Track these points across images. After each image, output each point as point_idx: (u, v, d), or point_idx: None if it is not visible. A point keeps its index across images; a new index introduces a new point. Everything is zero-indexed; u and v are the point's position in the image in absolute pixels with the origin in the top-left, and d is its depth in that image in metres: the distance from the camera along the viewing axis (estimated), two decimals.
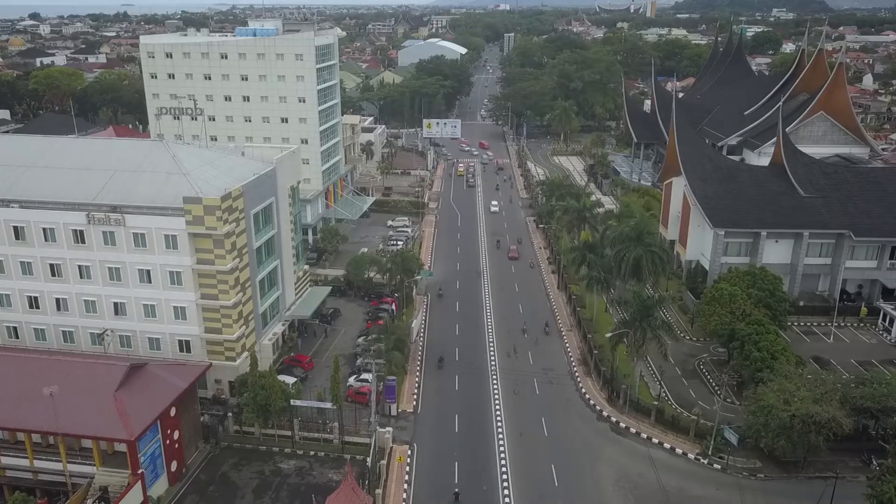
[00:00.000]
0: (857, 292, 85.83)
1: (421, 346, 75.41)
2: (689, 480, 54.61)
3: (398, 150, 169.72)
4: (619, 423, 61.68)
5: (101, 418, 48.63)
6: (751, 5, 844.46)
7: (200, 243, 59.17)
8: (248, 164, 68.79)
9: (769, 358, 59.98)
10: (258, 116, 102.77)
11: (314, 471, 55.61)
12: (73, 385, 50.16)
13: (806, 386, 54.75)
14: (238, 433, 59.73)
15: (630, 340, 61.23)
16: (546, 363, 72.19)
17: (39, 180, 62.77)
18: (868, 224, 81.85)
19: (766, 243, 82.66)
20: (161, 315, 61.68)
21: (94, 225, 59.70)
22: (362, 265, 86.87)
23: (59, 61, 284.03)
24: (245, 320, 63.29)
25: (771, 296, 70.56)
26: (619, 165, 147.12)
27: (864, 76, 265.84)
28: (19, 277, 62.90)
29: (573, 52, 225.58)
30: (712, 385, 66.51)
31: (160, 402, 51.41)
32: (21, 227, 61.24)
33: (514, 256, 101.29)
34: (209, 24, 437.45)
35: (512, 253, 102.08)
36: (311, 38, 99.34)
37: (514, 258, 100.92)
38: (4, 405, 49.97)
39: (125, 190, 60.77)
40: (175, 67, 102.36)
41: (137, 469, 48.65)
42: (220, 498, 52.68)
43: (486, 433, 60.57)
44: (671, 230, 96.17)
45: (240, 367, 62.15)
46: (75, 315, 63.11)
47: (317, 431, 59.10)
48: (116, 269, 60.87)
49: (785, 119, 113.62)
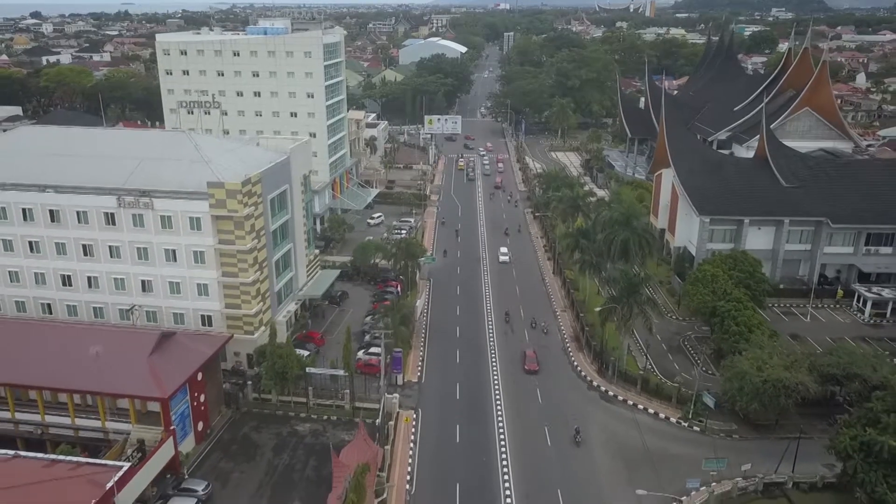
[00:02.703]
0: (835, 277, 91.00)
1: (424, 324, 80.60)
2: (670, 441, 59.73)
3: (400, 145, 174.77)
4: (607, 391, 66.87)
5: (137, 379, 53.77)
6: (750, 5, 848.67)
7: (222, 225, 64.27)
8: (263, 154, 73.92)
9: (746, 331, 65.16)
10: (268, 111, 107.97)
11: (327, 432, 60.70)
12: (110, 351, 55.37)
13: (778, 355, 59.94)
14: (257, 400, 64.77)
15: (618, 315, 66.40)
16: (541, 340, 77.37)
17: (72, 167, 67.75)
18: (845, 212, 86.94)
19: (748, 230, 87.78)
20: (185, 291, 66.80)
21: (124, 208, 64.81)
22: (368, 251, 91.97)
23: (64, 60, 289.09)
24: (262, 297, 68.40)
25: (750, 277, 75.71)
26: (614, 160, 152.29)
27: (858, 75, 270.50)
28: (54, 257, 68.01)
29: (571, 51, 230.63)
30: (695, 358, 71.70)
31: (188, 366, 56.53)
32: (56, 211, 66.34)
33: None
34: (210, 22, 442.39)
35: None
36: (320, 37, 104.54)
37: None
38: (51, 369, 55.10)
39: (152, 176, 65.82)
40: (189, 64, 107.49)
41: (170, 426, 53.77)
42: (242, 455, 57.81)
43: (484, 401, 65.71)
44: (661, 219, 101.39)
45: (257, 340, 67.19)
46: (105, 292, 68.22)
47: (329, 398, 64.25)
48: (144, 249, 66.01)
49: (773, 115, 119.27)
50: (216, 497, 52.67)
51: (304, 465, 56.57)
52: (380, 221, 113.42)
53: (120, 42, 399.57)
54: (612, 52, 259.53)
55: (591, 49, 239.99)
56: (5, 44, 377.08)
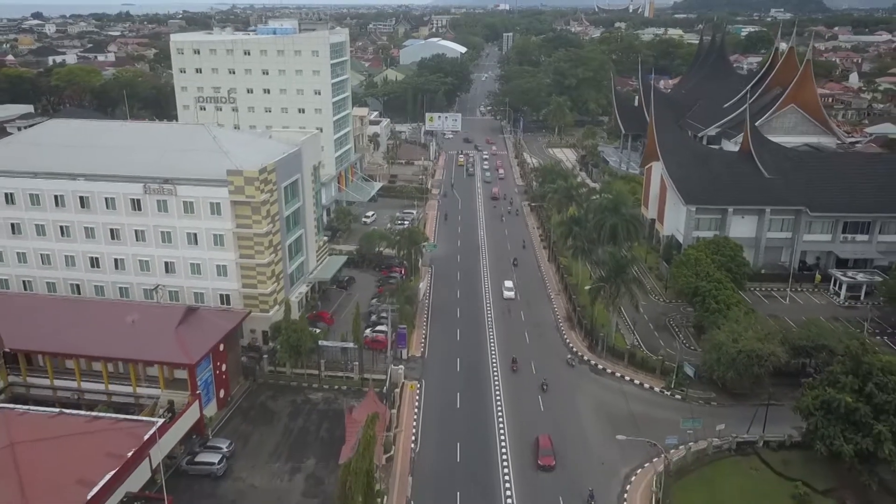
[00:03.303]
0: (815, 263, 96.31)
1: (427, 305, 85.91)
2: (653, 408, 64.96)
3: (402, 142, 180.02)
4: (597, 365, 72.17)
5: (166, 348, 59.03)
6: (749, 5, 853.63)
7: (240, 210, 69.48)
8: (276, 145, 79.16)
9: (724, 309, 70.42)
10: (277, 107, 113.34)
11: (338, 400, 65.94)
12: (142, 322, 60.65)
13: (752, 328, 65.15)
14: (272, 372, 70.05)
15: (606, 293, 71.69)
16: (536, 320, 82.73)
17: (100, 157, 73.03)
18: (822, 202, 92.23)
19: (732, 219, 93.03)
20: (205, 272, 72.07)
21: (149, 195, 70.07)
22: (373, 240, 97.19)
23: (70, 60, 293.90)
24: (276, 278, 73.65)
25: (731, 260, 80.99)
26: (608, 156, 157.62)
27: (851, 74, 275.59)
28: (83, 241, 73.24)
29: (568, 51, 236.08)
30: (678, 334, 77.05)
31: (212, 337, 61.77)
32: (86, 197, 71.58)
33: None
34: (211, 23, 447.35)
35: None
36: (327, 36, 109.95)
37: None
38: (88, 339, 60.40)
39: (175, 165, 71.09)
40: (202, 63, 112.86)
41: (196, 390, 59.02)
42: (260, 419, 63.10)
43: (482, 372, 71.01)
44: (651, 209, 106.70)
45: (272, 317, 72.44)
46: (131, 273, 73.46)
47: (340, 370, 69.58)
48: (168, 233, 71.27)
49: (760, 111, 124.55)
50: (238, 454, 57.89)
51: (318, 427, 61.86)
52: (373, 220, 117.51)
53: (123, 42, 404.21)
54: (610, 52, 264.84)
55: (588, 49, 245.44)
56: (10, 44, 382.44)
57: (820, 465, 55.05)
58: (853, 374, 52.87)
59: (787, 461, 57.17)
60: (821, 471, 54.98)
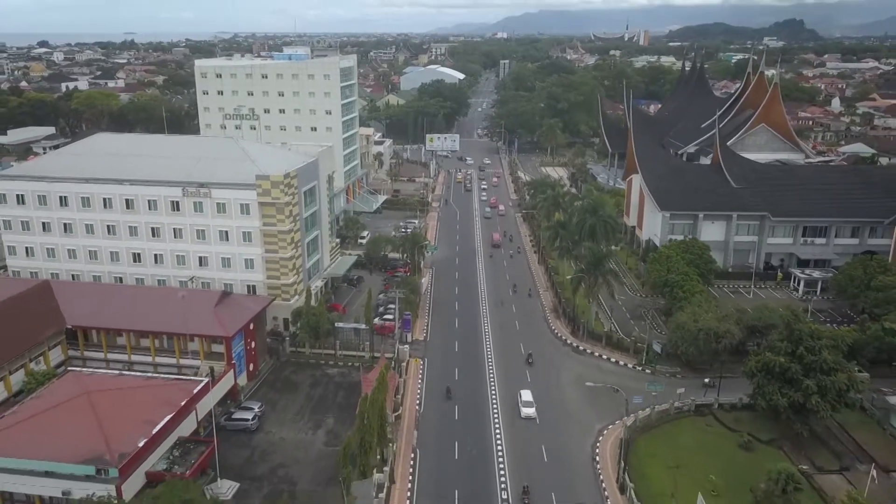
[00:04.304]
0: (779, 265, 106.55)
1: (428, 299, 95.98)
2: (626, 380, 74.52)
3: (403, 161, 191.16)
4: (578, 346, 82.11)
5: (206, 323, 69.00)
6: (743, 34, 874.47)
7: (266, 210, 79.67)
8: (295, 156, 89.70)
9: (689, 296, 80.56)
10: (292, 126, 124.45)
11: (352, 374, 75.65)
12: (186, 303, 70.72)
13: (711, 311, 75.30)
14: (293, 352, 79.85)
15: (586, 283, 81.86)
16: (526, 311, 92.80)
17: (143, 165, 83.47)
18: (783, 208, 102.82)
19: (703, 224, 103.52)
20: (235, 265, 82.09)
21: (187, 197, 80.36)
22: (380, 244, 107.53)
23: (81, 86, 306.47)
24: (297, 271, 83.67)
25: (699, 258, 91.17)
26: (597, 173, 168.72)
27: (833, 99, 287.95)
28: (127, 238, 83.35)
29: (560, 76, 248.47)
30: (651, 319, 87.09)
31: (244, 316, 71.81)
32: (131, 200, 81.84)
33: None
34: (216, 51, 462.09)
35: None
36: (337, 62, 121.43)
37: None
38: (139, 316, 70.54)
39: (209, 171, 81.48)
40: (224, 85, 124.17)
41: (231, 360, 68.91)
42: (285, 389, 72.88)
43: (478, 353, 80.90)
44: (632, 217, 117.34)
45: (293, 305, 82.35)
46: (168, 266, 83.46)
47: (353, 350, 79.46)
48: (202, 231, 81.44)
49: (734, 131, 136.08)
50: (267, 415, 67.53)
51: (335, 395, 71.65)
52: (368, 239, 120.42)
53: (131, 69, 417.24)
54: (602, 79, 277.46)
55: (580, 74, 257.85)
56: (22, 71, 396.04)
57: (764, 421, 64.78)
58: (787, 340, 62.82)
59: (738, 419, 66.91)
60: (765, 425, 64.70)
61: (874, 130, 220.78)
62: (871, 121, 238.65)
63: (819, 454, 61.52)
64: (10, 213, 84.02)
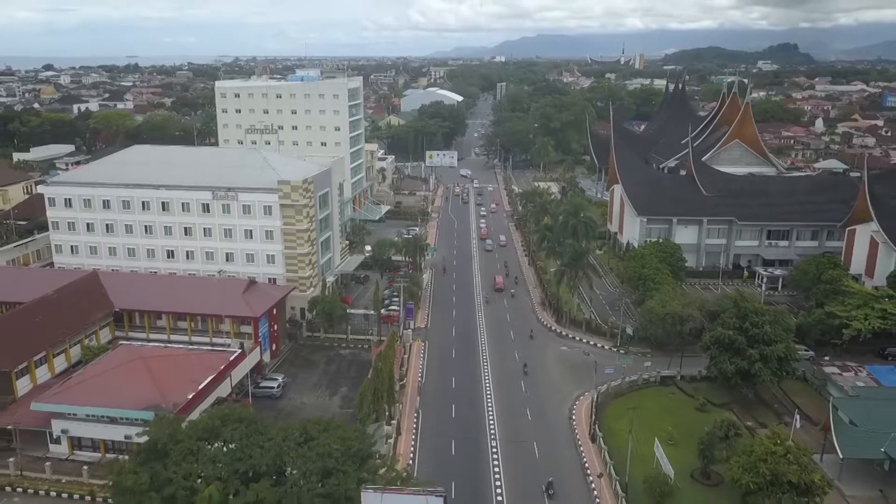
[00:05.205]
0: (747, 265, 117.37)
1: (429, 294, 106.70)
2: (602, 359, 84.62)
3: (405, 176, 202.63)
4: (561, 331, 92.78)
5: (237, 306, 79.66)
6: (737, 57, 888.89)
7: (286, 211, 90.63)
8: (310, 165, 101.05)
9: (659, 287, 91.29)
10: (303, 141, 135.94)
11: (362, 354, 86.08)
12: (218, 290, 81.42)
13: (677, 298, 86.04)
14: (309, 337, 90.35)
15: (568, 276, 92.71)
16: (515, 305, 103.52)
17: (176, 172, 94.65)
18: (749, 214, 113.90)
19: (677, 228, 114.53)
20: (258, 260, 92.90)
21: (216, 200, 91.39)
22: (384, 247, 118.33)
23: (92, 108, 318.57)
24: (312, 266, 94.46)
25: (671, 257, 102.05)
26: (586, 187, 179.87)
27: (817, 120, 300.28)
28: (162, 237, 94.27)
29: (553, 97, 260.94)
30: (625, 307, 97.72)
31: (269, 300, 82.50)
32: (166, 202, 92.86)
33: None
34: (218, 74, 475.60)
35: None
36: (345, 82, 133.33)
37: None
38: (179, 301, 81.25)
39: (235, 177, 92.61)
40: (241, 104, 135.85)
41: (258, 339, 79.49)
42: (304, 365, 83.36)
43: (473, 337, 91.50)
44: (615, 223, 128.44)
45: (308, 296, 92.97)
46: (198, 262, 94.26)
47: (362, 334, 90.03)
48: (229, 230, 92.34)
49: (710, 147, 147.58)
50: (290, 385, 77.94)
51: (348, 370, 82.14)
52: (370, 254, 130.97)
53: (138, 92, 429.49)
54: (595, 100, 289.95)
55: (571, 95, 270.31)
56: (33, 94, 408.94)
57: (719, 389, 75.23)
58: (736, 317, 73.51)
59: (697, 388, 77.28)
60: (719, 392, 75.14)
61: (851, 149, 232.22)
62: (850, 140, 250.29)
63: (764, 414, 71.99)
64: (58, 214, 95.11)
